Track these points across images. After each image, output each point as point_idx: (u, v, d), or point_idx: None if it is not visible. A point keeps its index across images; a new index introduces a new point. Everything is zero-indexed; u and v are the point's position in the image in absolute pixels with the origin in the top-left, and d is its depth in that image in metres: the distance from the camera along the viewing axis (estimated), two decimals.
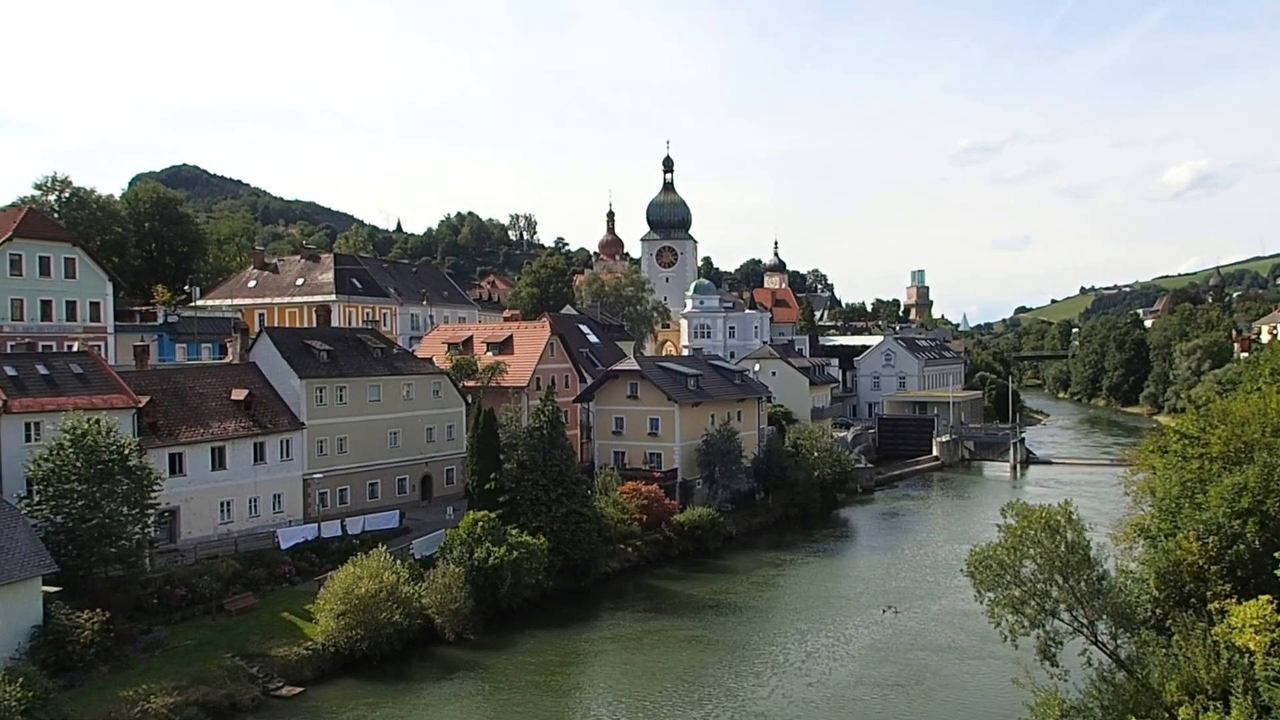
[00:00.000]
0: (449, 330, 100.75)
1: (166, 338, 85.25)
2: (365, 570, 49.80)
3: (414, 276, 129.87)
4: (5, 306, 72.46)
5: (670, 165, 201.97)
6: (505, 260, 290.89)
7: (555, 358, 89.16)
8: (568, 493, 62.87)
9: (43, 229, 77.94)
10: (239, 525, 60.98)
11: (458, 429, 78.25)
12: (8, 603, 40.69)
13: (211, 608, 50.14)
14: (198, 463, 59.69)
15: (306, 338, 72.92)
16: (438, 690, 46.90)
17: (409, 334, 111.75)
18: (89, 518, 46.11)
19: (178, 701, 41.15)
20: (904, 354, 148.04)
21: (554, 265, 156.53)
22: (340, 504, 67.87)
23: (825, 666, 49.90)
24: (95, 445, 47.32)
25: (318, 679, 46.84)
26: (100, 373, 57.95)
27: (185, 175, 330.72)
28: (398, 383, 74.51)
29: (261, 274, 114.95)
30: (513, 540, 56.74)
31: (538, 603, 57.83)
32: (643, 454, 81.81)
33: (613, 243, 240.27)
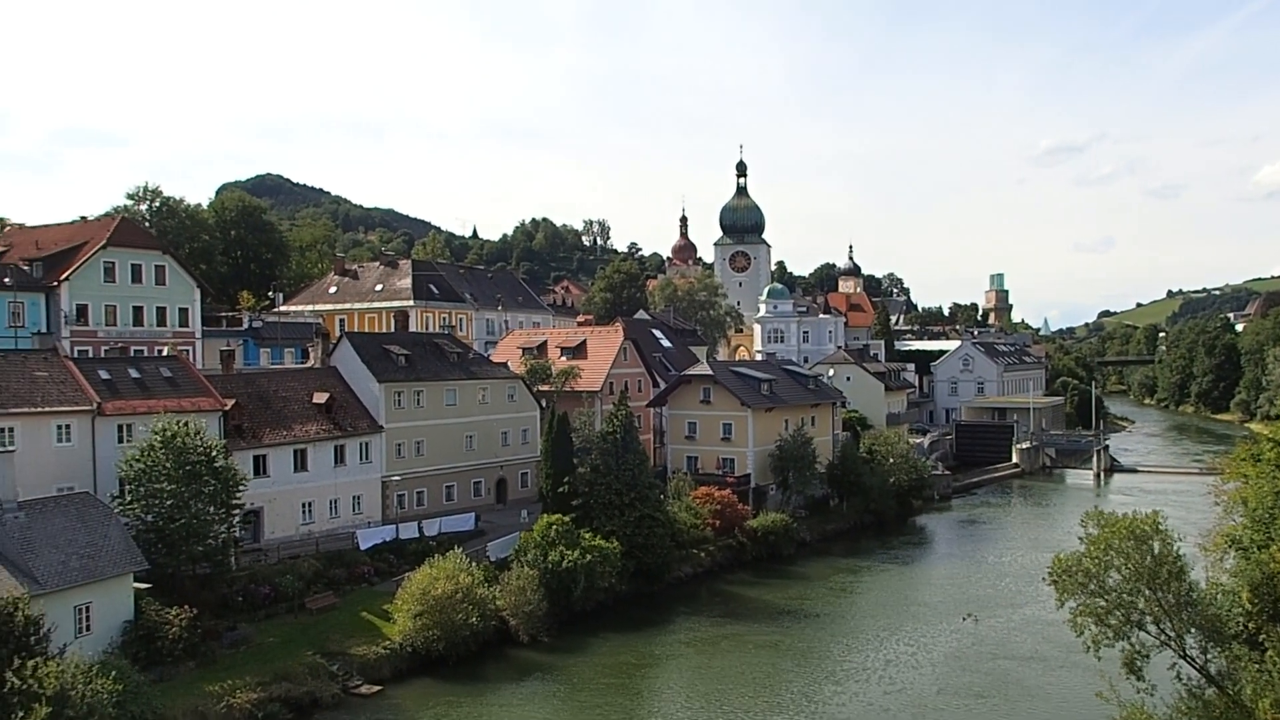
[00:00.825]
0: (524, 335, 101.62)
1: (251, 342, 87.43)
2: (442, 572, 50.47)
3: (489, 282, 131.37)
4: (100, 312, 75.06)
5: (743, 169, 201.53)
6: (579, 266, 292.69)
7: (628, 362, 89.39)
8: (641, 497, 62.98)
9: (135, 237, 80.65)
10: (320, 526, 62.28)
11: (532, 433, 78.91)
12: (102, 598, 42.08)
13: (294, 606, 51.27)
14: (281, 464, 61.11)
15: (385, 342, 74.23)
16: (513, 691, 47.30)
17: (484, 339, 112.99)
18: (178, 517, 47.50)
19: (261, 697, 42.15)
20: (982, 359, 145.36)
21: (627, 270, 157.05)
22: (417, 506, 68.92)
23: (905, 674, 49.25)
24: (184, 447, 48.74)
25: (395, 678, 47.58)
26: (188, 376, 59.72)
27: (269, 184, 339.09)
28: (473, 387, 75.41)
29: (342, 280, 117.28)
30: (586, 544, 57.05)
31: (611, 606, 58.06)
32: (716, 459, 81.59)
33: (686, 247, 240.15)
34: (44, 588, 39.30)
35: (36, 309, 71.63)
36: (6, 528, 40.71)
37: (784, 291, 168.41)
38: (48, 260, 75.51)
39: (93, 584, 41.62)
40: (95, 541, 42.76)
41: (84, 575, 41.36)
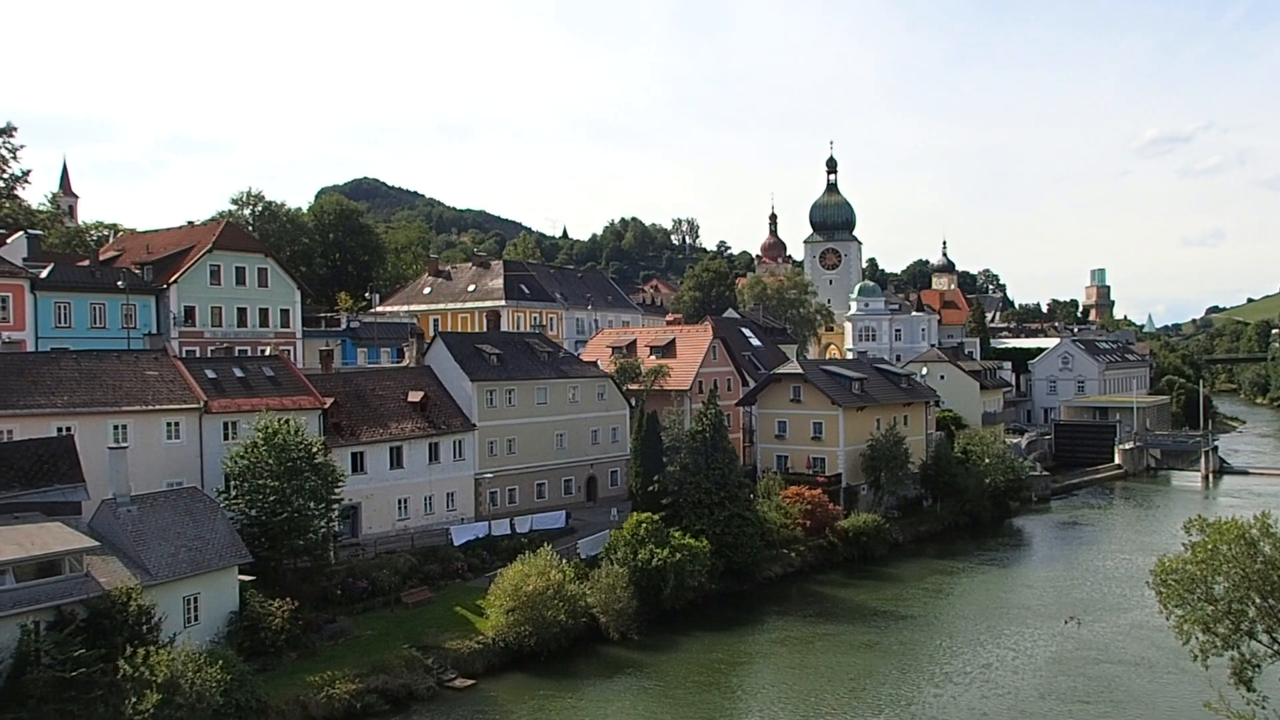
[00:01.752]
0: (613, 334, 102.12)
1: (349, 342, 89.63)
2: (533, 568, 51.04)
3: (579, 281, 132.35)
4: (206, 313, 77.82)
5: (833, 166, 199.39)
6: (668, 264, 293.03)
7: (718, 361, 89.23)
8: (730, 496, 62.82)
9: (239, 241, 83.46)
10: (415, 522, 63.56)
11: (622, 431, 79.31)
12: (209, 589, 43.64)
13: (390, 600, 52.44)
14: (377, 461, 62.52)
15: (477, 342, 75.39)
16: (606, 687, 47.58)
17: (574, 338, 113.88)
18: (280, 512, 49.00)
19: (359, 689, 43.21)
20: (1083, 357, 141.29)
21: (716, 269, 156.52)
22: (509, 503, 69.84)
23: (1006, 678, 48.27)
24: (285, 444, 50.24)
25: (488, 672, 48.25)
26: (290, 375, 61.54)
27: (366, 188, 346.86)
28: (564, 386, 76.11)
29: (436, 281, 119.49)
30: (676, 542, 57.13)
31: (700, 605, 58.01)
32: (806, 458, 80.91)
33: (775, 245, 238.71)
34: (155, 579, 40.92)
35: (147, 311, 74.59)
36: (120, 521, 42.51)
37: (875, 289, 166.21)
38: (157, 264, 78.55)
39: (200, 576, 43.20)
40: (203, 535, 44.37)
41: (192, 567, 42.95)
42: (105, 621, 37.40)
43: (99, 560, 39.99)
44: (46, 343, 66.22)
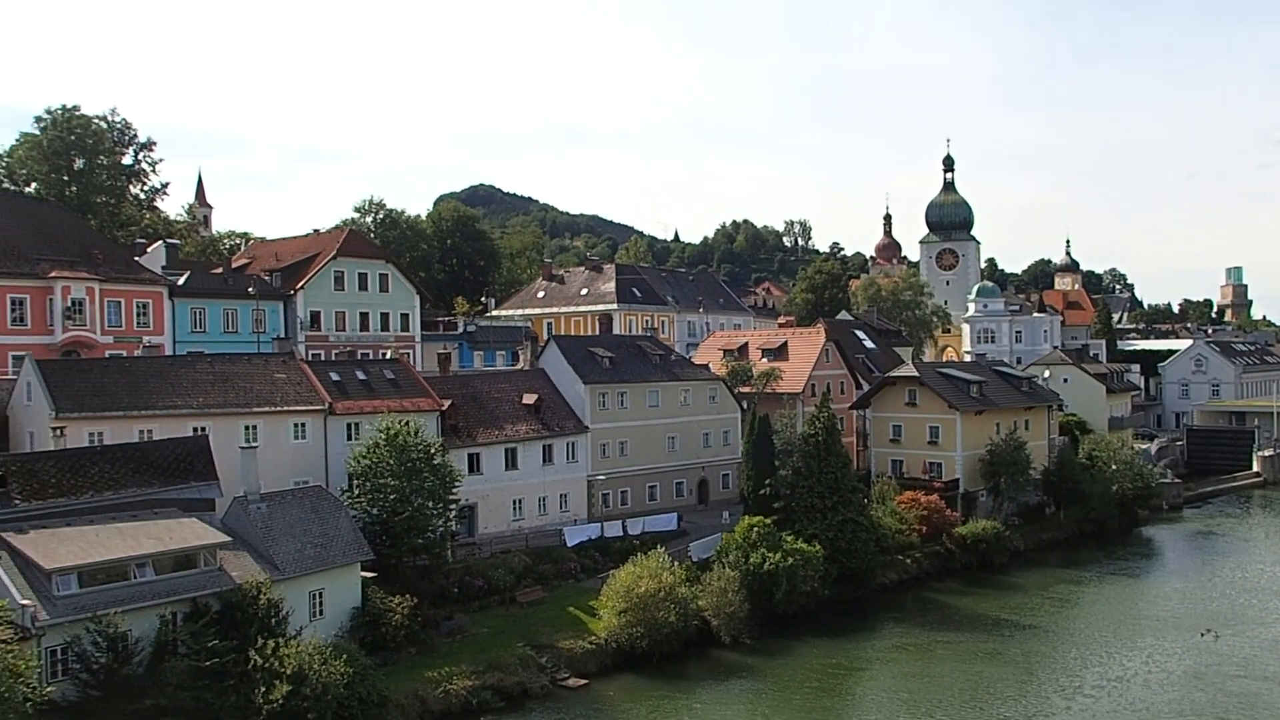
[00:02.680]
0: (725, 337, 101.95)
1: (466, 345, 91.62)
2: (645, 570, 51.26)
3: (691, 284, 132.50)
4: (331, 318, 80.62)
5: (950, 164, 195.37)
6: (780, 266, 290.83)
7: (830, 364, 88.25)
8: (844, 500, 62.03)
9: (361, 248, 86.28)
10: (529, 522, 64.56)
11: (733, 434, 79.08)
12: (333, 585, 45.18)
13: (505, 599, 53.37)
14: (493, 462, 63.72)
15: (590, 345, 76.18)
16: (719, 690, 47.46)
17: (686, 341, 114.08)
18: (400, 510, 50.36)
19: (476, 685, 44.10)
20: (1218, 359, 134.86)
21: (829, 270, 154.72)
22: (622, 505, 70.34)
23: (1139, 692, 46.53)
24: (405, 444, 51.61)
25: (601, 672, 48.64)
26: (409, 378, 63.27)
27: (482, 194, 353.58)
28: (676, 388, 76.29)
29: (549, 285, 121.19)
30: (788, 546, 56.69)
31: (813, 610, 57.41)
32: (922, 463, 79.30)
33: (889, 246, 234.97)
34: (283, 574, 42.55)
35: (276, 315, 77.66)
36: (251, 518, 44.35)
37: (994, 289, 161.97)
38: (285, 271, 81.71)
39: (325, 571, 44.74)
40: (327, 532, 45.95)
41: (318, 563, 44.51)
42: (237, 614, 39.06)
43: (231, 555, 41.81)
44: (183, 347, 69.57)
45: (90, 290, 66.34)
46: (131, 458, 45.88)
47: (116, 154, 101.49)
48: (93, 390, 50.70)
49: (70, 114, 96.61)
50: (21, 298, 64.21)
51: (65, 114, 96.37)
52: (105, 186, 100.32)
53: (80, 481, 43.31)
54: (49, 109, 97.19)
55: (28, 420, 51.42)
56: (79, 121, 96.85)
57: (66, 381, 50.44)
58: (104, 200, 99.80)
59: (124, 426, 49.86)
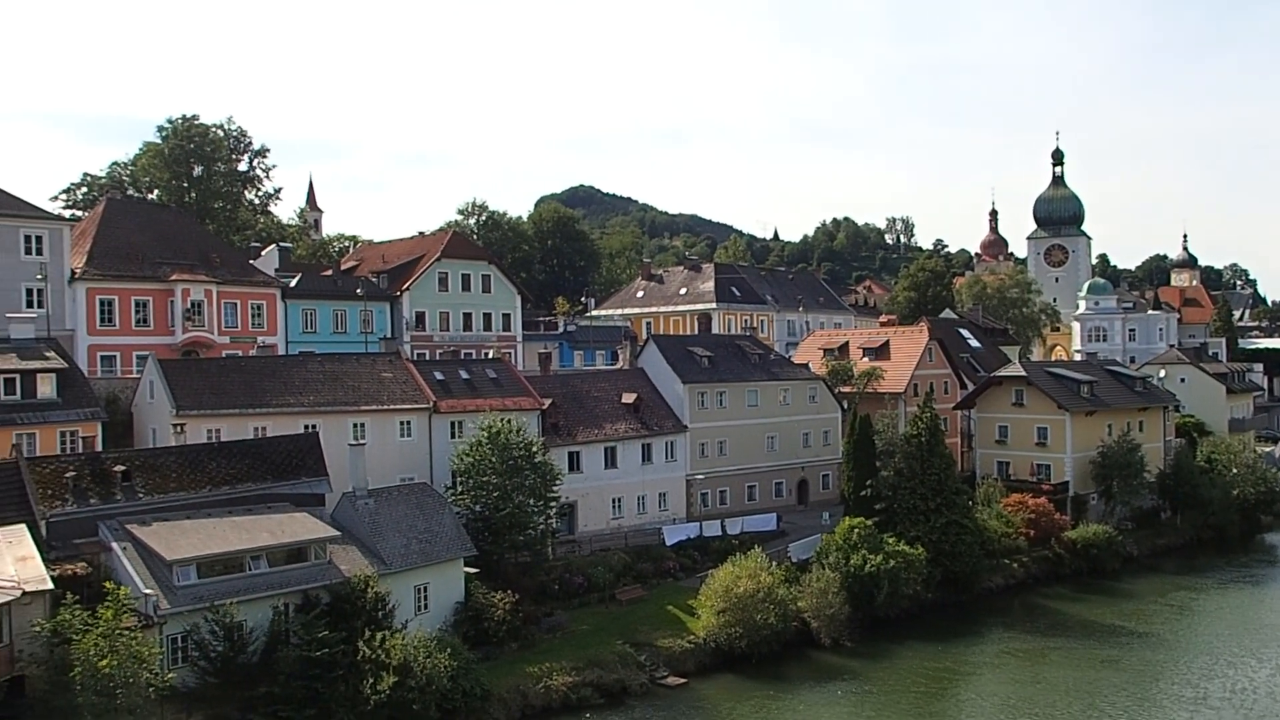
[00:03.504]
0: (825, 336, 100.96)
1: (566, 345, 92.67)
2: (744, 570, 51.07)
3: (790, 283, 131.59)
4: (435, 318, 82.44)
5: (1060, 158, 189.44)
6: (881, 264, 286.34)
7: (934, 363, 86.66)
8: (947, 502, 60.83)
9: (464, 249, 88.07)
10: (628, 521, 64.93)
11: (833, 434, 78.29)
12: (437, 580, 46.14)
13: (604, 596, 53.77)
14: (593, 461, 64.28)
15: (689, 344, 76.26)
16: (820, 692, 46.97)
17: (785, 340, 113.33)
18: (502, 507, 51.22)
19: (576, 681, 44.46)
20: None
21: (932, 268, 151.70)
22: (720, 504, 70.23)
23: (1265, 704, 44.59)
24: (507, 442, 52.49)
25: (699, 672, 48.58)
26: (511, 377, 64.28)
27: (582, 195, 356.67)
28: (775, 388, 75.85)
29: (648, 284, 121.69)
30: (890, 549, 55.85)
31: (916, 614, 56.46)
32: (1029, 465, 77.24)
33: (995, 242, 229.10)
34: (389, 568, 43.65)
35: (383, 316, 79.75)
36: (359, 513, 45.60)
37: (1106, 286, 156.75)
38: (392, 272, 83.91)
39: (430, 566, 45.74)
40: (432, 528, 46.98)
41: (423, 558, 45.54)
42: (345, 606, 40.20)
43: (340, 549, 43.07)
44: (295, 346, 71.95)
45: (208, 292, 69.08)
46: (247, 454, 47.65)
47: (233, 161, 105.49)
48: (211, 389, 52.81)
49: (190, 123, 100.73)
50: (145, 300, 67.23)
51: (185, 123, 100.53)
52: (222, 192, 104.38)
53: (199, 476, 45.17)
54: (170, 119, 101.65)
55: (150, 417, 53.85)
56: (198, 130, 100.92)
57: (186, 380, 52.64)
58: (221, 205, 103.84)
59: (240, 423, 51.81)
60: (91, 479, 42.29)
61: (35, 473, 41.20)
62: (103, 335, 65.25)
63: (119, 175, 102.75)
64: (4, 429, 46.06)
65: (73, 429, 48.40)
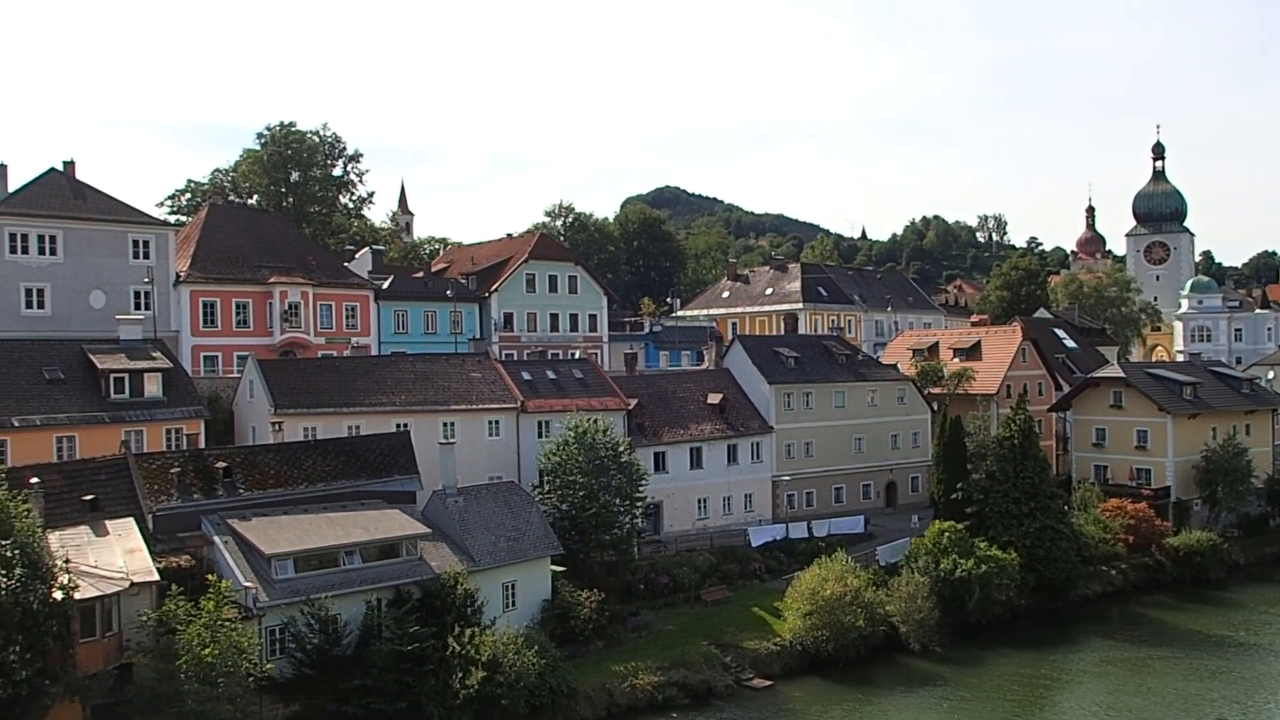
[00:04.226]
0: (914, 336, 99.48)
1: (651, 345, 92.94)
2: (830, 573, 50.60)
3: (878, 283, 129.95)
4: (522, 319, 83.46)
5: (1161, 151, 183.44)
6: (973, 263, 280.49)
7: (1027, 364, 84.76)
8: (1041, 507, 59.39)
9: (551, 251, 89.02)
10: (714, 522, 64.81)
11: (923, 436, 77.10)
12: (525, 577, 46.71)
13: (690, 597, 53.77)
14: (678, 461, 64.36)
15: (775, 345, 75.86)
16: (910, 698, 46.33)
17: (873, 340, 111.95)
18: (588, 507, 51.61)
19: (661, 681, 44.57)
20: None
21: (1026, 266, 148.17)
22: (806, 506, 69.69)
23: None
24: (593, 442, 52.88)
25: (785, 674, 48.29)
26: (597, 377, 64.73)
27: (667, 196, 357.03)
28: (862, 389, 75.00)
29: (734, 285, 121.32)
30: (981, 553, 54.77)
31: (1008, 620, 55.30)
32: (1128, 469, 74.94)
33: (1092, 240, 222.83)
34: (478, 565, 44.33)
35: (472, 317, 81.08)
36: (449, 510, 46.41)
37: (1210, 284, 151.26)
38: (480, 274, 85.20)
39: (517, 564, 46.33)
40: (520, 526, 47.57)
41: (510, 556, 46.14)
42: (436, 602, 40.94)
43: (430, 545, 43.89)
44: (387, 347, 73.56)
45: (305, 294, 71.02)
46: (341, 451, 48.85)
47: (328, 166, 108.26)
48: (307, 388, 54.30)
49: (287, 130, 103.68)
50: (245, 302, 69.41)
51: (283, 130, 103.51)
52: (318, 197, 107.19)
53: (296, 473, 46.43)
54: (269, 126, 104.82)
55: (250, 416, 55.57)
56: (295, 136, 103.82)
57: (284, 380, 54.22)
58: (317, 210, 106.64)
59: (334, 422, 53.15)
60: (195, 475, 43.81)
61: (142, 468, 42.85)
62: (205, 336, 67.57)
63: (221, 181, 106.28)
64: (114, 426, 48.03)
65: (178, 426, 50.16)
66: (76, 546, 35.81)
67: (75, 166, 67.40)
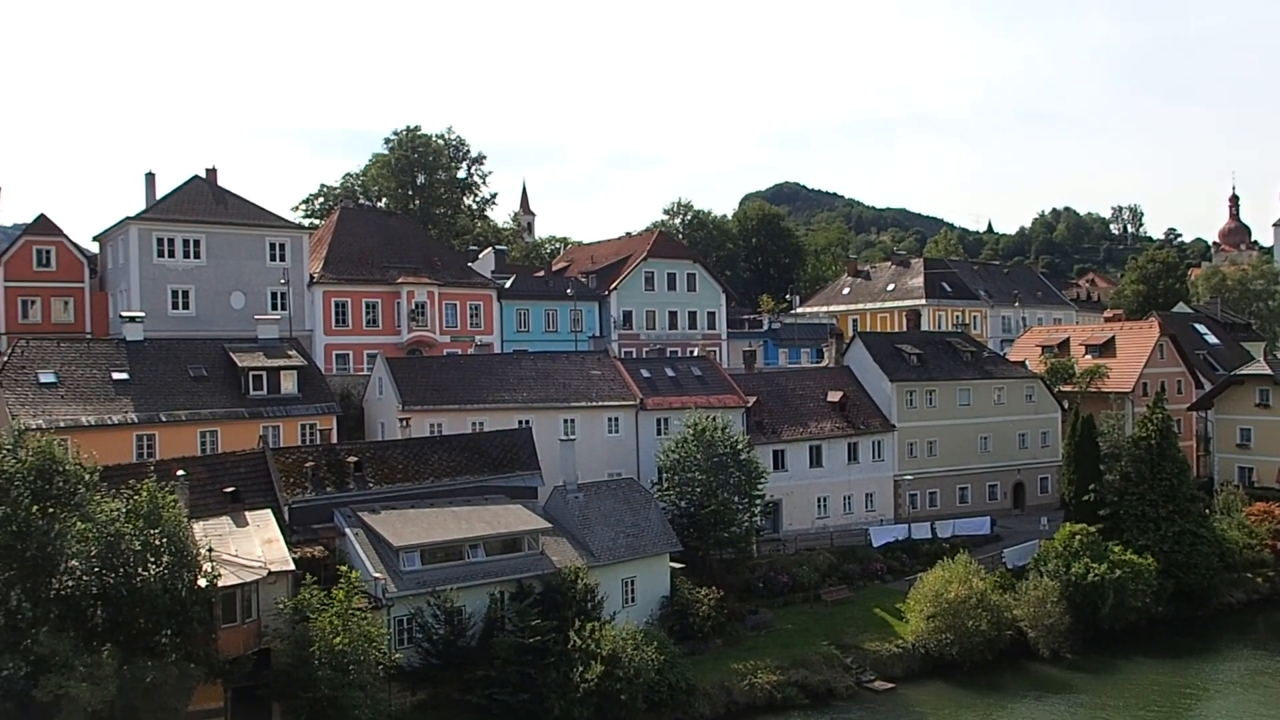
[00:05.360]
0: (1043, 332, 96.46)
1: (770, 343, 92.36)
2: (954, 574, 49.51)
3: (1005, 277, 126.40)
4: (641, 317, 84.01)
5: None
6: (1106, 256, 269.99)
7: (1165, 360, 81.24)
8: (1180, 510, 56.86)
9: (670, 249, 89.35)
10: (834, 521, 64.08)
11: (1052, 436, 74.65)
12: (644, 574, 47.08)
13: (809, 596, 53.34)
14: (798, 459, 63.82)
15: (897, 342, 74.55)
16: (1041, 706, 44.88)
17: (1000, 336, 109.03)
18: (707, 504, 51.67)
19: (780, 680, 44.31)
20: None
21: (1164, 259, 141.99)
22: (930, 506, 68.27)
23: None
24: (712, 440, 52.91)
25: (908, 677, 47.43)
26: (716, 375, 64.71)
27: (786, 192, 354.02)
28: (988, 387, 73.07)
29: (854, 281, 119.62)
30: (1115, 558, 52.77)
31: (1144, 628, 53.10)
32: (1276, 471, 71.05)
33: (1236, 230, 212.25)
34: (598, 560, 44.86)
35: (592, 315, 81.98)
36: (569, 506, 47.09)
37: None
38: (600, 273, 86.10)
39: (636, 560, 46.72)
40: (638, 522, 47.95)
41: (629, 552, 46.56)
42: (557, 596, 41.63)
43: (551, 540, 44.62)
44: (509, 345, 74.97)
45: (431, 294, 72.97)
46: (466, 447, 50.06)
47: (452, 169, 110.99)
48: (433, 385, 55.83)
49: (413, 134, 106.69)
50: (374, 302, 71.70)
51: (409, 134, 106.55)
52: (443, 199, 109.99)
53: (422, 468, 47.79)
54: (396, 131, 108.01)
55: (379, 412, 57.41)
56: (421, 141, 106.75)
57: (411, 377, 55.86)
58: (442, 211, 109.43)
59: (459, 418, 54.47)
60: (327, 469, 45.50)
61: (279, 462, 44.73)
62: (337, 335, 70.04)
63: (351, 185, 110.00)
64: (253, 421, 50.20)
65: (311, 422, 52.08)
66: (219, 536, 37.65)
67: (217, 173, 70.86)
